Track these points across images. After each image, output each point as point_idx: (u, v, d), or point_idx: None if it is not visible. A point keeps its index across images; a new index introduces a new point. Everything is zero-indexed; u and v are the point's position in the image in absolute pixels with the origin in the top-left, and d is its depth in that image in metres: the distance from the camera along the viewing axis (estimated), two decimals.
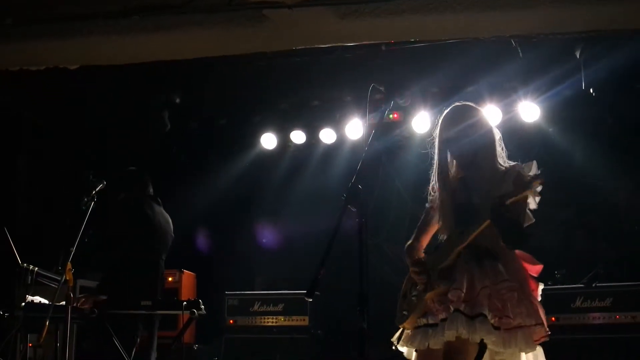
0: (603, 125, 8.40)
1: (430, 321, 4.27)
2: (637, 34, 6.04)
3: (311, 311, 8.50)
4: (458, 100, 4.76)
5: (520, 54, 7.44)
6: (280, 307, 8.58)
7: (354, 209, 3.84)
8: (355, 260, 3.76)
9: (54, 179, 8.80)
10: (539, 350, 4.29)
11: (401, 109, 8.85)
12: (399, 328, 4.57)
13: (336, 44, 5.58)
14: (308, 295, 3.83)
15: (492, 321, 4.07)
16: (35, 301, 5.89)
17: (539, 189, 4.03)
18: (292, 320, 8.53)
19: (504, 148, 4.55)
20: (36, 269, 6.21)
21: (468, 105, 4.69)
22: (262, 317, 8.61)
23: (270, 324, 8.56)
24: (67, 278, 5.29)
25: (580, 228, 8.77)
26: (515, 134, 8.89)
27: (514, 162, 4.44)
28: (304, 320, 8.50)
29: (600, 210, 8.67)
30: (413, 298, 4.46)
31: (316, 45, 5.29)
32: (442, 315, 4.20)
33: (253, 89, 8.91)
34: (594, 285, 7.45)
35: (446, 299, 4.21)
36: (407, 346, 4.46)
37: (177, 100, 8.95)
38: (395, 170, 9.66)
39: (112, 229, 6.29)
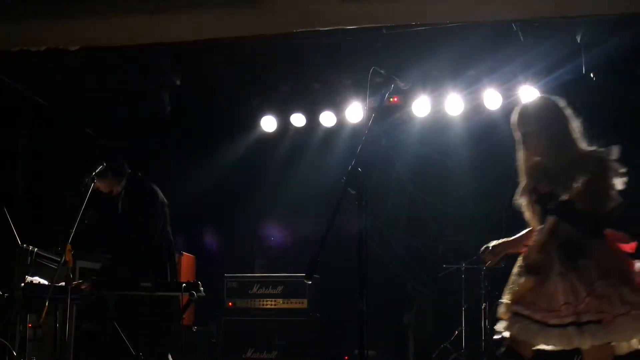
0: (603, 109, 8.39)
1: (533, 316, 4.35)
2: (639, 18, 6.03)
3: (310, 294, 8.51)
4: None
5: (522, 38, 7.43)
6: (279, 289, 8.59)
7: (353, 192, 3.84)
8: (354, 243, 3.77)
9: (54, 160, 8.80)
10: None
11: (401, 93, 8.84)
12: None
13: (337, 27, 5.57)
14: (307, 277, 3.85)
15: (594, 318, 4.18)
16: (34, 282, 5.91)
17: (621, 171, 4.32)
18: (291, 302, 8.54)
19: (582, 132, 4.64)
20: (36, 249, 6.22)
21: (537, 98, 4.86)
22: (261, 299, 8.62)
23: (269, 306, 8.57)
24: (67, 259, 5.30)
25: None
26: None
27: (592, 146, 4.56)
28: (302, 302, 8.51)
29: None
30: (509, 290, 4.56)
31: (317, 28, 5.28)
32: (553, 320, 4.29)
33: (253, 72, 8.89)
34: None
35: (540, 298, 4.33)
36: (506, 329, 4.55)
37: (177, 82, 8.93)
38: (395, 154, 9.67)
39: (122, 208, 6.31)
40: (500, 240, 4.79)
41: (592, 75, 7.85)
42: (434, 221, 9.80)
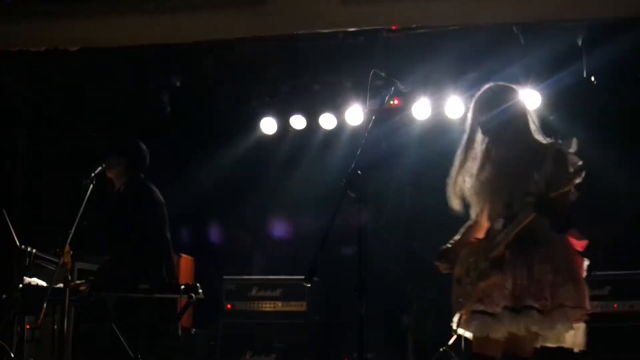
0: (603, 112, 8.38)
1: (489, 310, 4.34)
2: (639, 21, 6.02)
3: (309, 297, 8.49)
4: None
5: (522, 41, 7.42)
6: (278, 292, 8.57)
7: (353, 195, 3.83)
8: (354, 245, 3.76)
9: (54, 160, 8.80)
10: (579, 328, 4.39)
11: (402, 95, 8.82)
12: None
13: (337, 29, 5.57)
14: (306, 280, 3.84)
15: (535, 305, 4.19)
16: (33, 283, 5.89)
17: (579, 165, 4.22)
18: (290, 305, 8.52)
19: (537, 124, 4.61)
20: (34, 251, 6.21)
21: (500, 85, 4.76)
22: (260, 302, 8.59)
23: (268, 309, 8.55)
24: (65, 261, 5.29)
25: (579, 215, 8.74)
26: None
27: (550, 139, 4.48)
28: (301, 305, 8.49)
29: (600, 198, 8.65)
30: (468, 286, 4.52)
31: (317, 30, 5.27)
32: (499, 308, 4.29)
33: (253, 73, 8.88)
34: (592, 273, 7.42)
35: (500, 290, 4.31)
36: (465, 329, 4.53)
37: (177, 83, 8.92)
38: (395, 156, 9.64)
39: (120, 208, 6.31)
40: (449, 243, 4.80)
41: (592, 78, 7.83)
42: (434, 223, 9.77)
